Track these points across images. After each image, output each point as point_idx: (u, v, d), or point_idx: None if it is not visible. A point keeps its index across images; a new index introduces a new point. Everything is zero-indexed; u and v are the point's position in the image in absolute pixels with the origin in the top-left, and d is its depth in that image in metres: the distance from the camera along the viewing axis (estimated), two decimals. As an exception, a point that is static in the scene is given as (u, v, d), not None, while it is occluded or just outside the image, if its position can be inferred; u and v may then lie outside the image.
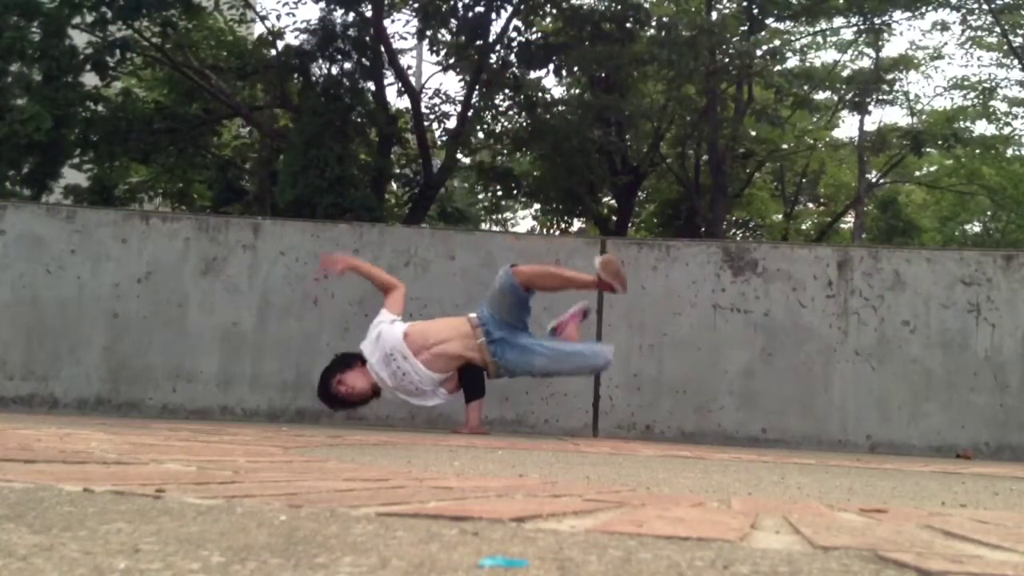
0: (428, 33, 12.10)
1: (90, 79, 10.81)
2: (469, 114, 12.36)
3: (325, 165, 9.95)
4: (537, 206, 17.99)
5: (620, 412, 4.97)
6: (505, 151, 15.40)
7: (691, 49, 11.20)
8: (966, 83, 17.28)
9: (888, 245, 12.82)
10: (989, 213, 21.88)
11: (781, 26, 14.95)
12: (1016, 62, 15.32)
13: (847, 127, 46.03)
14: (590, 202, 15.28)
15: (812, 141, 17.34)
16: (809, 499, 1.78)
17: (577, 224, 17.86)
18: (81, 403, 4.93)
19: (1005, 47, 15.42)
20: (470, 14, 11.22)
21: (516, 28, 11.85)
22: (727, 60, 12.34)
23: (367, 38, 11.27)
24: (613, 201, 16.02)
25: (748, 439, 4.89)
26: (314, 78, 11.28)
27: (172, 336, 5.01)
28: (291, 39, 11.85)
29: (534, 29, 12.34)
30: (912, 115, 17.51)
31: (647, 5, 12.58)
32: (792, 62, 15.29)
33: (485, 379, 4.32)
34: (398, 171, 13.41)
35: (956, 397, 4.89)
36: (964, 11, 14.85)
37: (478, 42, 11.46)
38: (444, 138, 13.52)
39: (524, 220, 32.88)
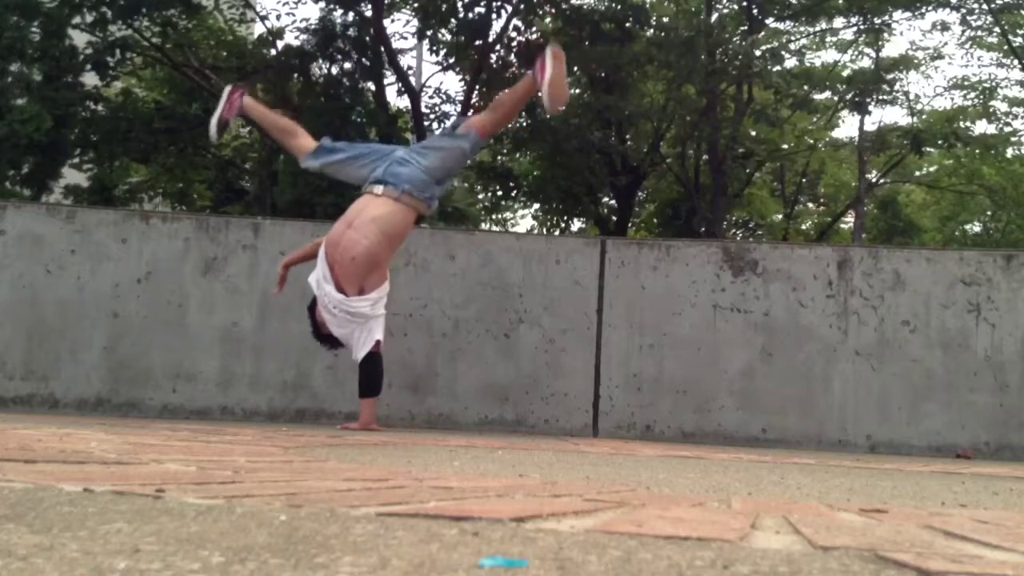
0: (428, 33, 12.11)
1: (90, 79, 10.82)
2: (469, 114, 12.36)
3: (325, 165, 9.93)
4: (537, 206, 18.00)
5: (620, 412, 4.97)
6: (505, 151, 15.41)
7: (690, 50, 11.21)
8: (966, 83, 17.30)
9: (888, 245, 12.81)
10: (989, 213, 21.89)
11: (781, 26, 14.96)
12: (1016, 62, 15.32)
13: (847, 127, 46.05)
14: (590, 202, 15.29)
15: (812, 141, 17.34)
16: (809, 499, 1.78)
17: (577, 224, 17.86)
18: (81, 403, 4.93)
19: (1005, 47, 15.43)
20: (470, 14, 11.22)
21: (516, 28, 11.87)
22: (727, 60, 12.35)
23: (367, 38, 11.28)
24: (613, 201, 16.02)
25: (748, 439, 4.89)
26: (314, 78, 11.29)
27: (172, 336, 5.01)
28: (291, 39, 11.87)
29: (534, 29, 12.34)
30: (912, 115, 17.52)
31: (647, 5, 12.60)
32: (791, 62, 15.30)
33: (383, 377, 4.15)
34: (398, 171, 13.39)
35: (956, 397, 4.89)
36: (964, 11, 14.86)
37: (478, 42, 11.47)
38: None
39: (524, 220, 32.87)
